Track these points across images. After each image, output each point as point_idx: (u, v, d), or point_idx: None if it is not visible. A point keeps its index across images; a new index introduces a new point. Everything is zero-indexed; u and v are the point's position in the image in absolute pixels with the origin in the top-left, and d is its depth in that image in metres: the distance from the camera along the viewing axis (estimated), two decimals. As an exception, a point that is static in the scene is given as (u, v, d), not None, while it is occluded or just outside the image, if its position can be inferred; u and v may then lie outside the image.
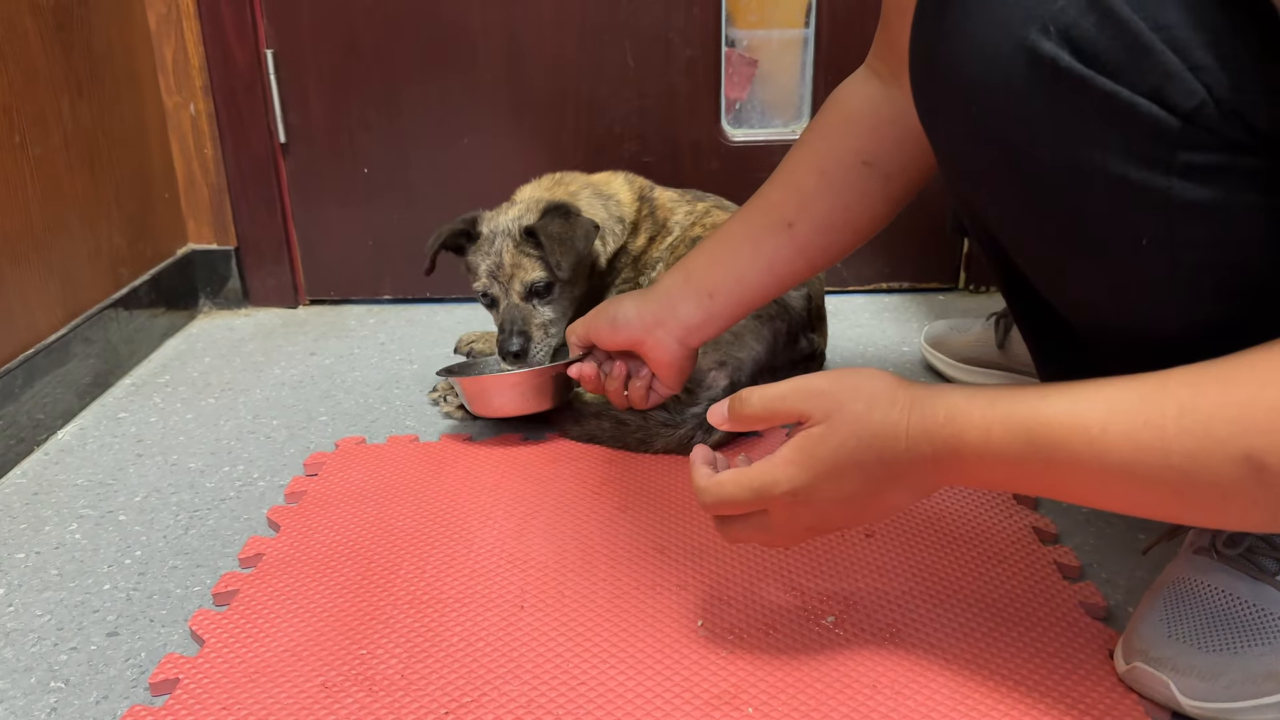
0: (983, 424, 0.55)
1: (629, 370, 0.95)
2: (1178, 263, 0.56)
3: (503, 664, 0.72)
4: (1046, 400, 0.54)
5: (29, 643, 0.81)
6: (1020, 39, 0.53)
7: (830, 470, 0.60)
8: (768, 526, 0.65)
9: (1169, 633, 0.66)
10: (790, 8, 1.89)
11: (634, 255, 1.24)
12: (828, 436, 0.60)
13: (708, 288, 0.88)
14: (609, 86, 1.50)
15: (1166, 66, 0.51)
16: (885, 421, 0.59)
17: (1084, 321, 0.66)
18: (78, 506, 1.02)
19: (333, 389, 1.29)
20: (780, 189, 0.87)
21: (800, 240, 0.85)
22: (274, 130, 1.51)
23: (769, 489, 0.62)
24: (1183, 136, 0.52)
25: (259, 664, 0.74)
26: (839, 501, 0.61)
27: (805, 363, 1.17)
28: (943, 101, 0.61)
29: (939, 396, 0.58)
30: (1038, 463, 0.54)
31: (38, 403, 1.15)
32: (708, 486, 0.65)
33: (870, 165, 0.82)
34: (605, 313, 0.93)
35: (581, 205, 1.18)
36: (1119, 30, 0.51)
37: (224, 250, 1.57)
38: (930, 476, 0.59)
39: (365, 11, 1.46)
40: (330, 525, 0.93)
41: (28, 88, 1.17)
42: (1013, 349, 1.16)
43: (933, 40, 0.60)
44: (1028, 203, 0.59)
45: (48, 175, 1.21)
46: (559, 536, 0.89)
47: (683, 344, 0.90)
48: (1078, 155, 0.55)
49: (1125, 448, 0.50)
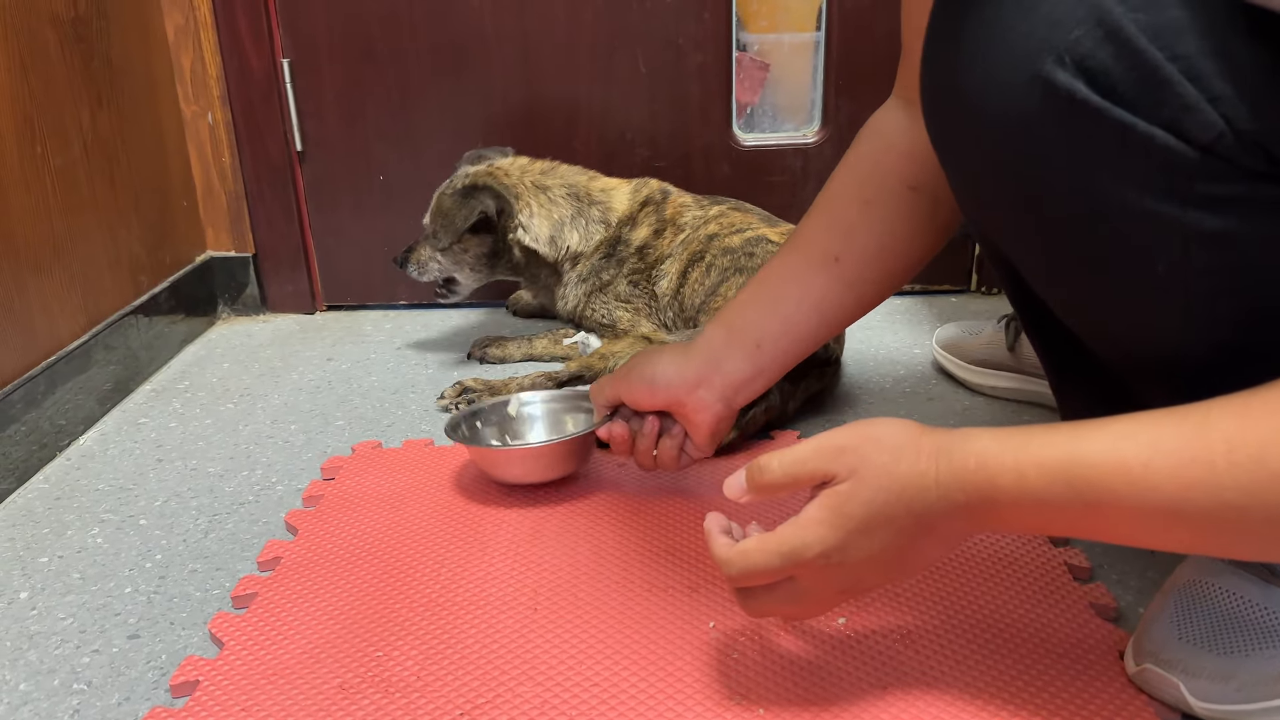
0: (1016, 468, 0.53)
1: (661, 428, 0.89)
2: (1195, 291, 0.55)
3: (517, 665, 0.73)
4: (1082, 439, 0.52)
5: (52, 645, 0.82)
6: (1035, 70, 0.53)
7: (862, 527, 0.57)
8: (797, 595, 0.61)
9: (1180, 634, 0.66)
10: (801, 12, 1.89)
11: (638, 246, 1.32)
12: (857, 492, 0.57)
13: (754, 338, 0.83)
14: (621, 92, 1.51)
15: (1184, 98, 0.50)
16: (913, 472, 0.56)
17: (1100, 344, 0.65)
18: (99, 511, 1.03)
19: (349, 394, 1.30)
20: (820, 224, 0.83)
21: (848, 274, 0.81)
22: (291, 138, 1.53)
23: (800, 553, 0.59)
24: (1201, 167, 0.51)
25: (277, 666, 0.75)
26: (872, 559, 0.58)
27: (822, 367, 1.17)
28: (957, 131, 0.61)
29: (967, 441, 0.56)
30: (1078, 505, 0.52)
31: (60, 409, 1.17)
32: (732, 558, 0.61)
33: (917, 190, 0.79)
34: (640, 372, 0.86)
35: (539, 200, 1.33)
36: (1136, 61, 0.50)
37: (242, 257, 1.59)
38: (963, 525, 0.57)
39: (380, 21, 1.48)
40: (347, 529, 0.94)
41: (48, 98, 1.19)
42: (1023, 352, 1.16)
43: (946, 70, 0.59)
44: (1043, 231, 0.59)
45: (69, 185, 1.23)
46: (572, 539, 0.90)
47: (727, 403, 0.85)
48: (1094, 185, 0.54)
49: (1171, 486, 0.49)
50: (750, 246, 1.20)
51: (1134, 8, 0.50)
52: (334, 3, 1.47)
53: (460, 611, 0.80)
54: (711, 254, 1.22)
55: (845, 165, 0.83)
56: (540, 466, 0.97)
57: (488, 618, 0.79)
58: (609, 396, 0.89)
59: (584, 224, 1.33)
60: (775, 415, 1.09)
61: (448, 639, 0.77)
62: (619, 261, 1.33)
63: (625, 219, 1.33)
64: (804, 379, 1.13)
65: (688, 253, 1.26)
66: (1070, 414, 0.76)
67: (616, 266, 1.33)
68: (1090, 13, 0.51)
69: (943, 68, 0.60)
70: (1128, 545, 0.58)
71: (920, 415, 1.16)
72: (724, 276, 1.19)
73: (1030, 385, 1.17)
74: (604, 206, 1.34)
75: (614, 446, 0.90)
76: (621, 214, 1.34)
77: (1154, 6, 0.50)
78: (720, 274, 1.20)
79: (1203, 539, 0.51)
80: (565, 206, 1.34)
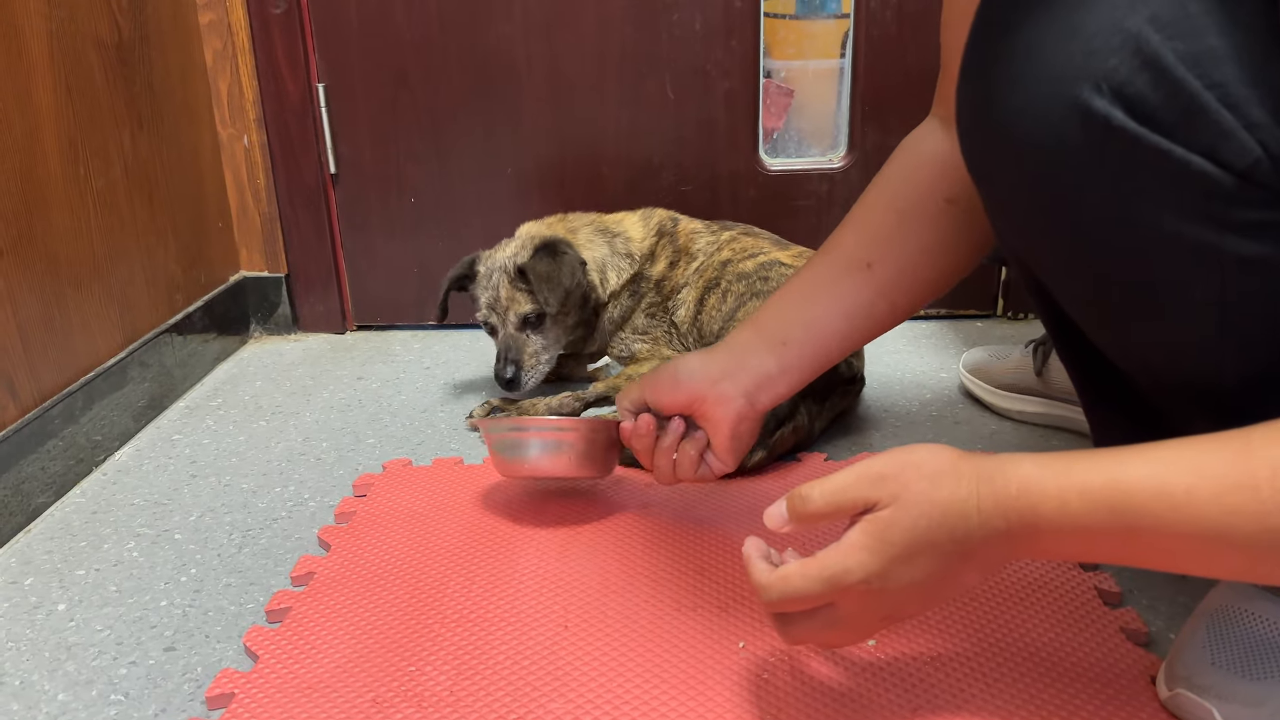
0: (1058, 494, 0.53)
1: (685, 430, 0.87)
2: (1233, 315, 0.55)
3: (548, 681, 0.74)
4: (1124, 466, 0.52)
5: (90, 656, 0.83)
6: (1073, 97, 0.53)
7: (904, 553, 0.57)
8: (837, 622, 0.61)
9: (1212, 659, 0.66)
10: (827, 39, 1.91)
11: (655, 280, 1.31)
12: (899, 518, 0.57)
13: (780, 335, 0.83)
14: (648, 117, 1.53)
15: (1221, 124, 0.50)
16: (954, 498, 0.56)
17: (1136, 368, 0.65)
18: (135, 525, 1.05)
19: (379, 412, 1.32)
20: (854, 231, 0.83)
21: (880, 281, 0.81)
22: (324, 161, 1.56)
23: (841, 579, 0.58)
24: (1238, 193, 0.51)
25: (311, 679, 0.76)
26: (913, 586, 0.58)
27: (847, 385, 1.18)
28: (993, 156, 0.61)
29: (1007, 467, 0.56)
30: (1120, 531, 0.52)
31: (96, 425, 1.19)
32: (771, 583, 0.61)
33: (954, 203, 0.78)
34: (666, 370, 0.86)
35: (580, 241, 1.27)
36: (1173, 88, 0.50)
37: (275, 277, 1.62)
38: (1003, 551, 0.57)
39: (413, 46, 1.50)
40: (379, 545, 0.95)
41: (92, 122, 1.22)
42: (1051, 376, 1.16)
43: (983, 94, 0.60)
44: (1079, 256, 0.59)
45: (109, 205, 1.26)
46: (601, 557, 0.91)
47: (750, 401, 0.83)
48: (1131, 211, 0.54)
49: (1215, 512, 0.48)
50: (764, 271, 1.21)
51: (1171, 36, 0.51)
52: (368, 29, 1.50)
53: (491, 627, 0.81)
54: (727, 280, 1.23)
55: (882, 177, 0.83)
56: (562, 456, 0.92)
57: (518, 634, 0.80)
58: (634, 399, 0.88)
59: (615, 260, 1.31)
60: (803, 435, 1.10)
61: (479, 654, 0.78)
62: (638, 296, 1.32)
63: (646, 254, 1.32)
64: (829, 398, 1.14)
65: (703, 280, 1.27)
66: (1104, 437, 0.75)
67: (635, 300, 1.32)
68: (1128, 40, 0.52)
69: (980, 92, 0.61)
70: (1170, 572, 0.58)
71: (947, 439, 1.16)
72: (740, 302, 1.20)
73: (1058, 410, 1.17)
74: (624, 238, 1.33)
75: (635, 443, 0.88)
76: (640, 244, 1.32)
77: (1192, 35, 0.50)
78: (737, 299, 1.20)
79: (1248, 565, 0.51)
80: (600, 245, 1.31)
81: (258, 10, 1.48)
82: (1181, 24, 0.51)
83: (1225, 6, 0.51)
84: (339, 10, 1.49)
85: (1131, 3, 0.52)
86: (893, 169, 0.83)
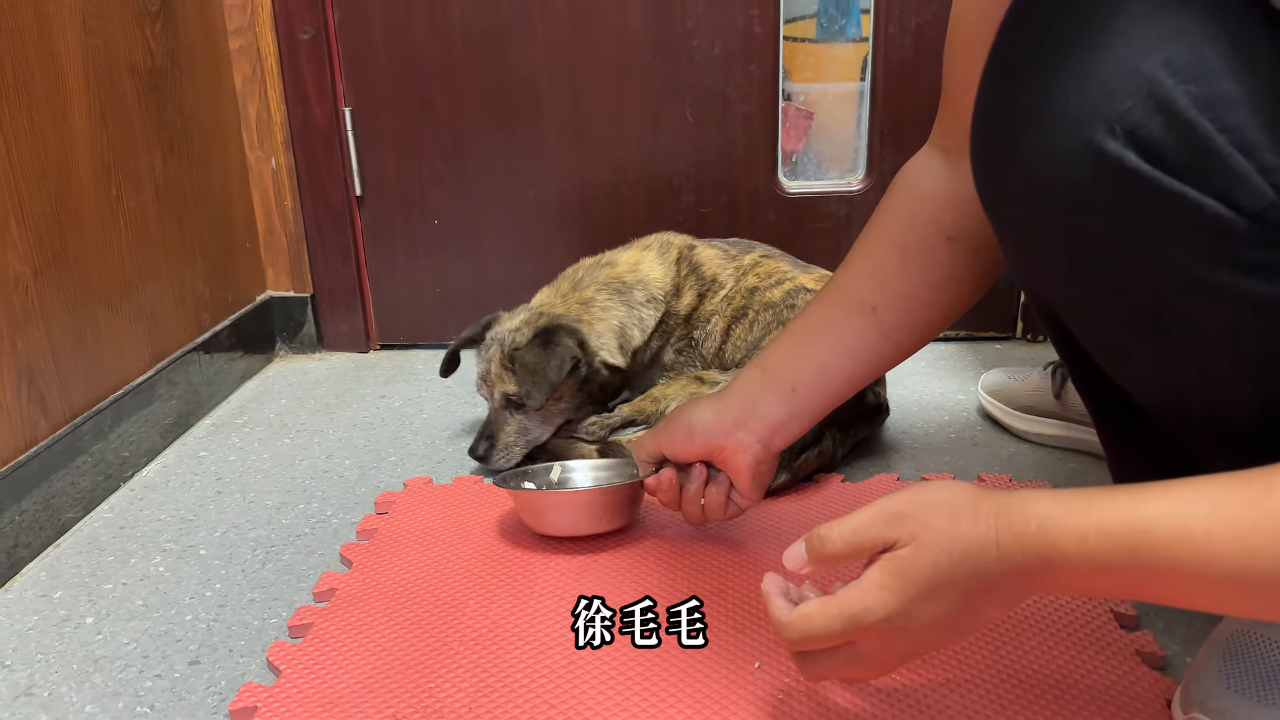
0: (1078, 533, 0.53)
1: (708, 477, 0.89)
2: (1248, 355, 0.55)
3: (566, 700, 0.75)
4: (1144, 505, 0.52)
5: (116, 669, 0.85)
6: (1087, 139, 0.54)
7: (924, 591, 0.57)
8: (858, 659, 0.61)
9: (1228, 684, 0.66)
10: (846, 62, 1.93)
11: (684, 315, 1.27)
12: (919, 556, 0.57)
13: (789, 382, 0.84)
14: (669, 140, 1.55)
15: (1234, 168, 0.50)
16: (973, 535, 0.56)
17: (1152, 403, 0.65)
18: (161, 540, 1.07)
19: (402, 430, 1.33)
20: (858, 272, 0.84)
21: (885, 324, 0.82)
22: (350, 183, 1.59)
23: (861, 618, 0.58)
24: (1251, 235, 0.51)
25: (332, 694, 0.77)
26: (934, 623, 0.58)
27: (872, 415, 1.18)
28: (1008, 195, 0.62)
29: (1026, 504, 0.56)
30: (1138, 570, 0.52)
31: (124, 441, 1.22)
32: (792, 621, 0.61)
33: (955, 240, 0.79)
34: (679, 421, 0.88)
35: (594, 314, 1.22)
36: (1186, 132, 0.51)
37: (300, 297, 1.64)
38: (1022, 587, 0.57)
39: (438, 71, 1.53)
40: (400, 562, 0.96)
41: (124, 145, 1.25)
42: (1069, 399, 1.16)
43: (998, 136, 0.61)
44: (1094, 294, 0.60)
45: (139, 226, 1.29)
46: (617, 577, 0.92)
47: (765, 445, 0.85)
48: (1144, 251, 0.55)
49: (1235, 554, 0.49)
50: (791, 299, 1.20)
51: (1185, 80, 0.51)
52: (394, 54, 1.53)
53: (510, 646, 0.82)
54: (754, 309, 1.22)
55: (882, 212, 0.84)
56: (584, 515, 0.97)
57: (536, 653, 0.81)
58: (650, 451, 0.90)
59: (636, 315, 1.26)
60: (826, 460, 1.11)
61: (497, 672, 0.79)
62: (667, 334, 1.29)
63: (670, 291, 1.27)
64: (854, 426, 1.14)
65: (731, 309, 1.25)
66: (1119, 466, 0.76)
67: (664, 339, 1.29)
68: (1142, 84, 0.52)
69: (994, 132, 0.61)
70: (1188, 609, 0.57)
71: (966, 461, 1.17)
72: (765, 331, 1.19)
73: (1076, 433, 1.17)
74: (643, 285, 1.27)
75: (661, 495, 0.90)
76: (662, 284, 1.27)
77: (1206, 79, 0.51)
78: (764, 329, 1.19)
79: (1268, 606, 0.51)
80: (617, 308, 1.25)
81: (286, 36, 1.51)
82: (1196, 68, 0.51)
83: (1241, 52, 0.51)
84: (365, 36, 1.52)
85: (1147, 47, 0.53)
86: (894, 203, 0.84)
